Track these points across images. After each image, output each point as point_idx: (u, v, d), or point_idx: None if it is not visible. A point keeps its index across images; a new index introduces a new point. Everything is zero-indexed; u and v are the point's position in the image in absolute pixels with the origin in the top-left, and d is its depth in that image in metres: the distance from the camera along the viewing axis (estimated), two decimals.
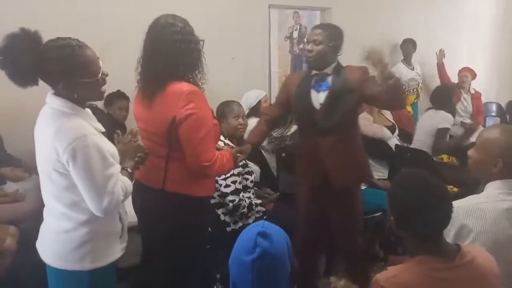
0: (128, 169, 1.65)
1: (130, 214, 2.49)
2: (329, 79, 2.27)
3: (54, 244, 1.55)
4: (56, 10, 3.01)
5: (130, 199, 1.82)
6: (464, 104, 4.86)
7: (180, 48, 1.71)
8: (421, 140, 3.72)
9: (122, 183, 1.56)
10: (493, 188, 1.58)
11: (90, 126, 1.49)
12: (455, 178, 3.41)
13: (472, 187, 3.42)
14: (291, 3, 4.32)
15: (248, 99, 3.39)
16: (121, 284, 2.44)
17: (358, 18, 4.38)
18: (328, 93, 2.25)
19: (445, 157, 3.91)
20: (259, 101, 3.39)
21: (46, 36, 1.46)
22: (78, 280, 1.56)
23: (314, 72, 2.32)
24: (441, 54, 4.96)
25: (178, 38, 1.70)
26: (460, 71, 4.89)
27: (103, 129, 1.58)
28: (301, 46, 4.54)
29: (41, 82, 1.47)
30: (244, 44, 3.96)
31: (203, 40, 1.82)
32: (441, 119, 3.67)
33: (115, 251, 1.63)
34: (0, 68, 1.39)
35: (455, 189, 3.31)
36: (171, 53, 1.70)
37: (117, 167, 1.56)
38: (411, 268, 1.29)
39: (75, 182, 1.46)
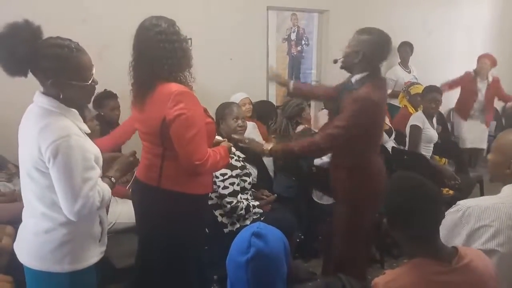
0: (112, 179, 1.65)
1: (128, 216, 2.52)
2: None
3: (33, 245, 1.53)
4: (57, 11, 3.02)
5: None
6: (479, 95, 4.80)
7: (164, 48, 1.72)
8: None
9: (100, 189, 1.53)
10: (509, 190, 1.60)
11: (76, 127, 1.49)
12: None
13: (466, 190, 3.48)
14: (289, 5, 4.33)
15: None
16: (119, 285, 2.45)
17: (355, 20, 4.37)
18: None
19: (437, 159, 3.92)
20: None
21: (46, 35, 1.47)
22: (57, 283, 1.54)
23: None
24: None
25: (162, 39, 1.72)
26: (479, 58, 4.81)
27: (89, 131, 1.58)
28: (298, 48, 4.55)
29: (27, 84, 1.48)
30: (243, 46, 3.97)
31: (190, 39, 1.83)
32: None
33: (94, 254, 1.62)
34: None
35: (451, 192, 3.34)
36: (155, 54, 1.72)
37: (97, 171, 1.54)
38: (409, 271, 1.31)
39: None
